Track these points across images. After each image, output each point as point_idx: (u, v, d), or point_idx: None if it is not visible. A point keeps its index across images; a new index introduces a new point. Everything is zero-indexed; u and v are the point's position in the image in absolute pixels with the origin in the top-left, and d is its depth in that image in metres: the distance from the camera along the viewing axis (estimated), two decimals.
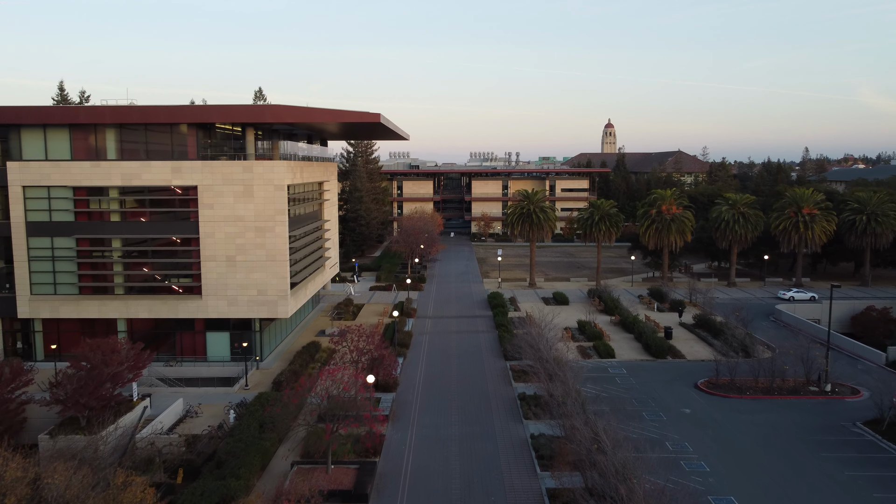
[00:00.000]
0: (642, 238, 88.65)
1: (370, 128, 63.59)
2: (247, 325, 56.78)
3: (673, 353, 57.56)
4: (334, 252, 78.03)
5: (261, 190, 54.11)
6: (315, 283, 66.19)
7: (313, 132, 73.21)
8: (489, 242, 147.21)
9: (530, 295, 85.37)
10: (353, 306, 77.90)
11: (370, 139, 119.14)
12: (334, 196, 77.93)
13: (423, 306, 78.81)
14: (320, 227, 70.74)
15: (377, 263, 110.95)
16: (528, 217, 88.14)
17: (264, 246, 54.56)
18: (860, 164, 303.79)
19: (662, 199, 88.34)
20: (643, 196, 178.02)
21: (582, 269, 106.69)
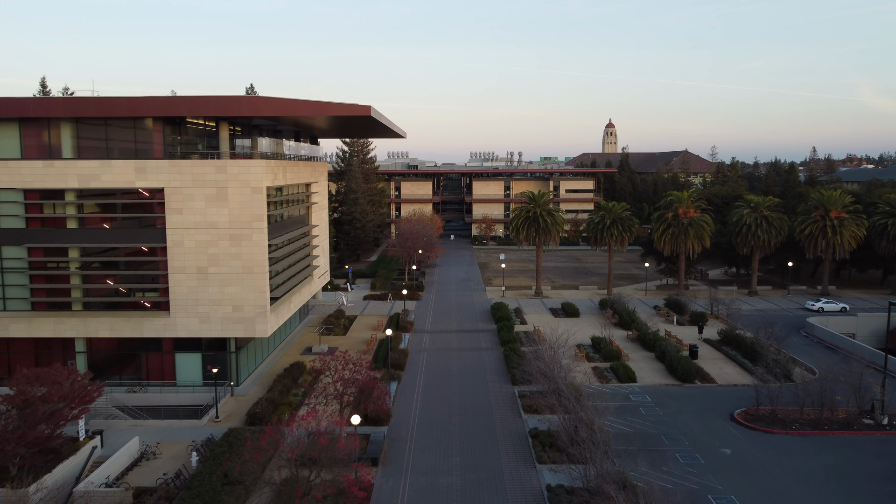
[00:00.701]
0: (657, 244, 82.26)
1: (362, 123, 57.22)
2: (221, 345, 50.41)
3: (701, 377, 51.13)
4: (324, 260, 71.67)
5: (236, 193, 47.74)
6: (301, 295, 59.82)
7: (301, 129, 66.87)
8: (491, 246, 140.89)
9: (537, 305, 78.98)
10: (345, 319, 71.50)
11: (365, 137, 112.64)
12: (324, 198, 71.57)
13: (421, 319, 72.42)
14: (307, 233, 64.35)
15: (372, 269, 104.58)
16: (533, 221, 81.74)
17: (240, 256, 48.20)
18: (869, 165, 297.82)
19: (679, 202, 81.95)
20: (650, 197, 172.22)
21: (590, 276, 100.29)
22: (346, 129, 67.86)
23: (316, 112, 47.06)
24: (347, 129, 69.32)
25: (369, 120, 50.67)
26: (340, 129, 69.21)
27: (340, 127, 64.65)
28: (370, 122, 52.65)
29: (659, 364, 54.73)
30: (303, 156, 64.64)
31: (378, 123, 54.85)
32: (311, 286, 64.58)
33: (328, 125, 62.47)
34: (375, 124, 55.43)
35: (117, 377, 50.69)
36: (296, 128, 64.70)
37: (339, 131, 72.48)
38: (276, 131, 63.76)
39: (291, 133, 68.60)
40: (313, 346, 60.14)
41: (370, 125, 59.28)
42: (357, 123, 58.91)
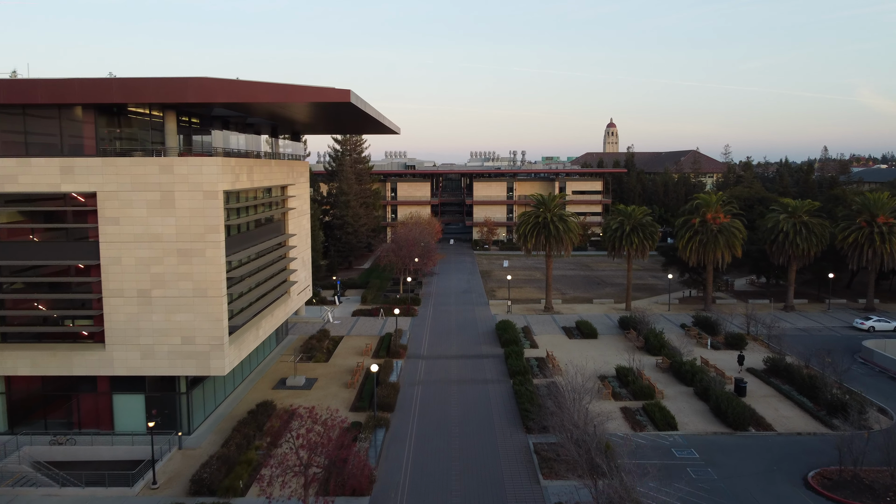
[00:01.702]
0: (682, 253, 73.10)
1: (344, 113, 48.08)
2: (169, 384, 41.30)
3: (756, 422, 41.93)
4: (305, 273, 62.53)
5: (185, 198, 38.62)
6: (273, 318, 50.68)
7: (278, 122, 57.73)
8: (493, 251, 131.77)
9: (547, 323, 69.81)
10: (329, 341, 62.35)
11: (355, 132, 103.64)
12: (305, 203, 62.41)
13: (416, 340, 63.24)
14: (283, 243, 55.22)
15: (364, 278, 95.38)
16: (543, 228, 72.56)
17: (191, 276, 39.08)
18: (882, 165, 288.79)
19: (707, 206, 72.80)
20: (660, 199, 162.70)
21: (604, 287, 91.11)
22: (331, 121, 58.72)
23: (283, 98, 37.88)
24: (332, 122, 60.19)
25: (350, 108, 41.52)
26: (324, 123, 60.08)
27: (323, 119, 55.52)
28: (352, 111, 43.50)
29: (700, 403, 45.54)
30: (277, 153, 55.52)
31: (363, 114, 45.71)
32: (288, 306, 55.43)
33: (309, 117, 53.36)
34: (359, 115, 46.27)
35: (42, 423, 41.57)
36: (271, 121, 55.58)
37: (324, 125, 63.36)
38: (246, 125, 54.63)
39: (268, 127, 59.52)
40: (288, 378, 50.94)
41: (356, 117, 50.14)
42: (340, 114, 49.79)
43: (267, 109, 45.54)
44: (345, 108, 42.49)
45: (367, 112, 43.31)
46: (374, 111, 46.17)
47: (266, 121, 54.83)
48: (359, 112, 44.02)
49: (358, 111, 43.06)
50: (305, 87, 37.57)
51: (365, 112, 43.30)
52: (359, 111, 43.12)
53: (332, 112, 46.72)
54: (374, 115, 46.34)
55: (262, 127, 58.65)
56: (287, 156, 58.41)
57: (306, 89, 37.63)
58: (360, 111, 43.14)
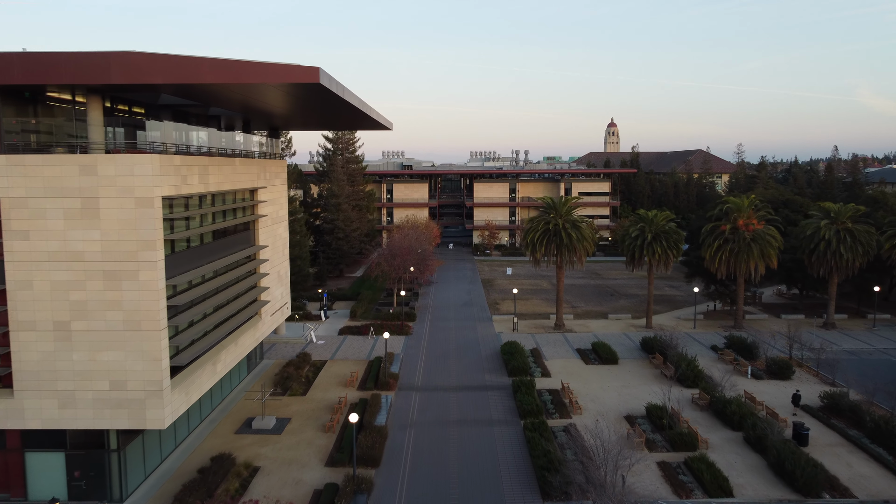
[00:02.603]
0: (709, 263, 64.90)
1: (317, 98, 39.83)
2: (97, 439, 33.15)
3: (831, 486, 33.70)
4: (282, 290, 54.34)
5: (113, 206, 30.45)
6: (238, 347, 42.46)
7: (250, 114, 49.57)
8: (495, 257, 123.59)
9: (559, 344, 61.60)
10: (310, 366, 54.23)
11: (341, 127, 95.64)
12: (282, 208, 54.20)
13: (410, 366, 55.04)
14: (252, 256, 47.03)
15: (355, 289, 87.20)
16: (554, 235, 64.30)
17: (120, 304, 30.91)
18: (894, 165, 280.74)
19: (738, 211, 64.59)
20: (671, 201, 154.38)
21: (618, 299, 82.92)
22: (310, 113, 50.48)
23: (234, 77, 29.64)
24: (312, 114, 51.93)
25: (321, 92, 33.27)
26: (303, 114, 51.83)
27: (300, 110, 47.27)
28: (325, 96, 35.23)
29: (755, 456, 37.28)
30: (244, 150, 47.38)
31: (341, 102, 37.49)
32: (259, 330, 47.21)
33: (281, 106, 45.13)
34: (336, 102, 37.99)
35: None
36: (240, 112, 47.37)
37: (304, 118, 55.08)
38: (209, 117, 46.49)
39: (238, 121, 51.42)
40: (255, 419, 42.68)
41: (334, 105, 41.89)
42: (314, 102, 41.54)
43: (226, 96, 37.34)
44: (316, 93, 34.28)
45: (342, 97, 35.05)
46: (353, 97, 37.91)
47: (232, 112, 46.60)
48: (335, 99, 35.80)
49: (332, 96, 34.82)
50: (261, 65, 29.31)
51: (341, 98, 35.04)
52: (334, 97, 34.89)
53: (305, 99, 38.50)
54: (353, 101, 38.07)
55: (232, 120, 50.56)
56: (264, 155, 50.27)
57: (263, 68, 29.36)
58: (335, 97, 34.91)
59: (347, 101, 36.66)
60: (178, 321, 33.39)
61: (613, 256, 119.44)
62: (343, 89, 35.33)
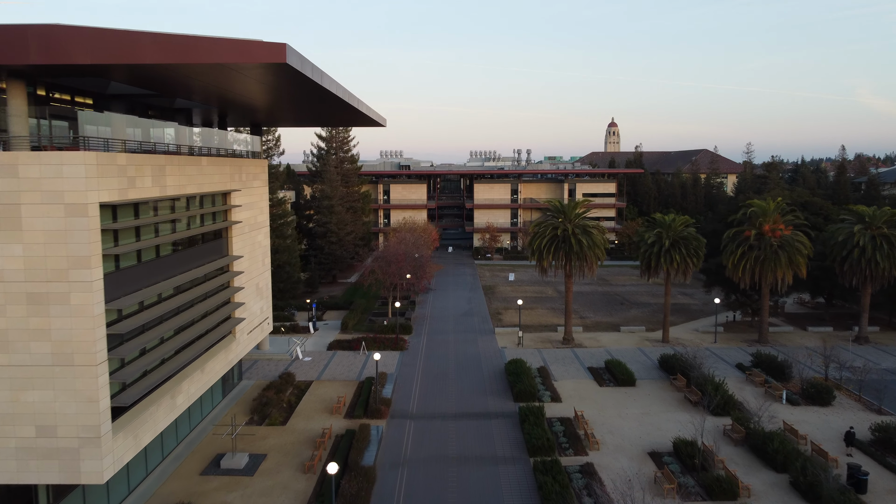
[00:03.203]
0: (732, 272, 59.48)
1: (288, 84, 34.38)
2: (23, 496, 27.70)
3: None
4: (261, 304, 48.90)
5: (37, 214, 25.02)
6: (205, 375, 36.98)
7: (226, 107, 44.18)
8: (496, 261, 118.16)
9: (569, 361, 56.13)
10: (293, 388, 48.81)
11: (329, 123, 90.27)
12: (262, 213, 48.71)
13: (404, 388, 49.61)
14: (224, 268, 41.59)
15: (348, 297, 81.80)
16: (563, 242, 58.80)
17: (48, 333, 25.48)
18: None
19: (763, 215, 59.15)
20: (678, 202, 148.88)
21: (629, 308, 77.47)
22: (291, 105, 45.07)
23: (179, 57, 24.16)
24: (293, 107, 46.48)
25: (292, 75, 27.76)
26: (283, 107, 46.44)
27: (276, 100, 41.86)
28: (300, 82, 29.73)
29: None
30: (221, 150, 41.95)
31: (319, 89, 32.04)
32: (233, 352, 41.74)
33: (258, 96, 39.76)
34: (314, 90, 32.50)
35: None
36: (212, 105, 41.91)
37: (286, 111, 49.65)
38: (175, 111, 41.08)
39: (213, 115, 46.04)
40: (224, 457, 37.15)
41: (316, 96, 36.44)
42: (296, 92, 36.13)
43: (185, 83, 31.89)
44: (288, 79, 28.85)
45: (320, 84, 29.59)
46: (333, 84, 32.44)
47: (203, 105, 41.11)
48: (311, 86, 30.35)
49: (307, 83, 29.37)
50: (214, 41, 23.80)
51: (318, 84, 29.59)
52: (309, 83, 29.44)
53: (278, 87, 33.06)
54: (333, 89, 32.60)
55: (208, 115, 45.15)
56: (243, 154, 44.85)
57: (215, 45, 23.85)
58: (311, 84, 29.46)
59: (325, 89, 31.16)
60: (123, 351, 27.92)
61: (620, 261, 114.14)
62: (321, 74, 29.87)
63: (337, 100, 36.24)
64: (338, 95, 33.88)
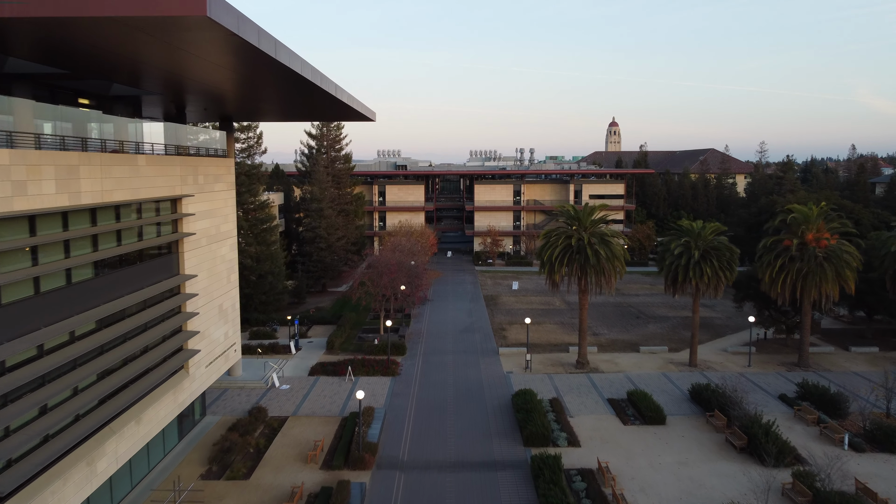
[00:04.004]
0: (768, 287, 52.31)
1: (254, 66, 27.11)
2: None
3: None
4: (226, 328, 41.62)
5: None
6: (138, 430, 29.71)
7: (181, 94, 36.97)
8: (498, 267, 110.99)
9: (585, 390, 48.85)
10: (264, 426, 41.54)
11: (314, 118, 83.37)
12: (226, 222, 41.42)
13: (394, 427, 42.33)
14: (174, 290, 34.34)
15: (336, 310, 74.58)
16: (577, 253, 51.51)
17: None
18: None
19: (805, 222, 51.90)
20: (689, 204, 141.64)
21: (646, 323, 70.21)
22: (251, 93, 37.84)
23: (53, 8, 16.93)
24: (257, 96, 39.25)
25: (219, 34, 20.45)
26: (248, 97, 39.17)
27: (231, 87, 34.61)
28: (238, 48, 22.40)
29: None
30: (174, 146, 34.69)
31: (269, 62, 24.72)
32: (184, 391, 34.45)
33: (211, 81, 32.52)
34: (261, 60, 25.12)
35: None
36: (161, 91, 34.67)
37: (254, 102, 42.38)
38: (113, 99, 33.82)
39: (167, 106, 38.84)
40: None
41: (277, 75, 29.15)
42: (248, 71, 28.85)
43: (94, 56, 24.61)
44: (220, 45, 21.53)
45: (268, 53, 22.25)
46: (294, 58, 25.04)
47: (147, 92, 33.83)
48: (259, 58, 23.04)
49: (251, 53, 22.05)
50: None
51: (267, 55, 22.27)
52: (255, 53, 22.13)
53: (221, 62, 25.74)
54: (294, 65, 25.24)
55: (162, 105, 37.91)
56: (212, 151, 37.60)
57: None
58: (257, 55, 22.16)
59: (284, 65, 23.86)
60: (6, 416, 20.72)
61: (631, 266, 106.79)
62: (273, 44, 22.57)
63: (306, 83, 28.98)
64: (304, 76, 26.56)
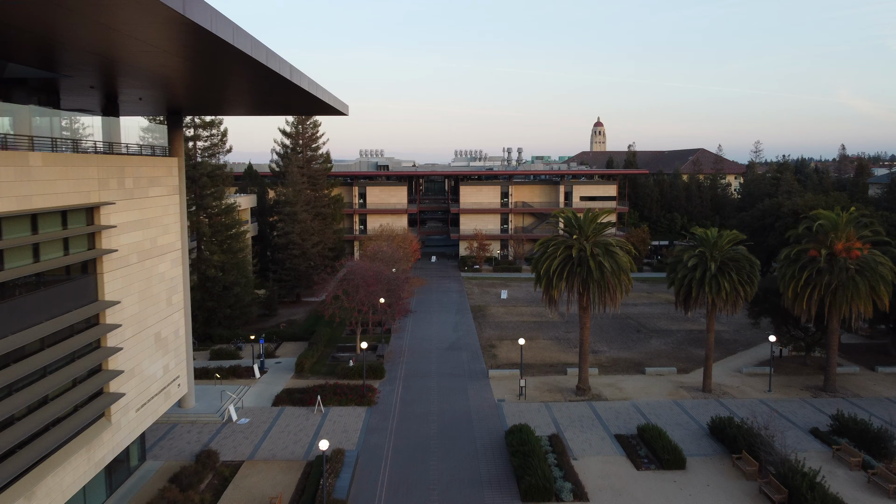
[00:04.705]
0: (790, 303, 46.58)
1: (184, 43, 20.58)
2: None
3: None
4: (167, 360, 34.95)
5: None
6: (39, 496, 23.14)
7: (109, 78, 30.42)
8: (485, 273, 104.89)
9: (588, 424, 42.72)
10: (214, 475, 34.99)
11: (279, 112, 76.74)
12: (164, 232, 34.75)
13: (367, 477, 35.93)
14: (92, 320, 27.70)
15: (309, 325, 68.12)
16: (579, 265, 45.37)
17: None
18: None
19: (834, 230, 46.18)
20: (682, 206, 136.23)
21: (648, 337, 64.36)
22: (196, 79, 31.32)
23: None
24: (204, 83, 32.73)
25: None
26: (196, 85, 32.65)
27: (169, 70, 28.06)
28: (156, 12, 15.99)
29: None
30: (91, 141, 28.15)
31: (212, 39, 18.26)
32: (102, 448, 27.74)
33: (136, 59, 25.98)
34: (207, 40, 18.69)
35: None
36: (81, 74, 28.05)
37: (206, 92, 35.82)
38: (11, 83, 27.18)
39: (95, 93, 32.33)
40: None
41: (217, 53, 22.68)
42: (178, 46, 22.32)
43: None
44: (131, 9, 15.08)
45: (196, 23, 15.78)
46: (229, 27, 18.57)
47: (63, 75, 27.19)
48: (195, 31, 16.58)
49: (169, 17, 15.58)
50: None
51: (203, 30, 15.80)
52: (170, 16, 15.66)
53: (146, 36, 19.24)
54: (225, 35, 18.75)
55: (98, 93, 31.32)
56: (160, 150, 31.01)
57: None
58: (180, 22, 15.69)
59: (221, 39, 17.42)
60: None
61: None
62: (212, 15, 16.11)
63: (257, 66, 22.56)
64: (255, 57, 20.12)
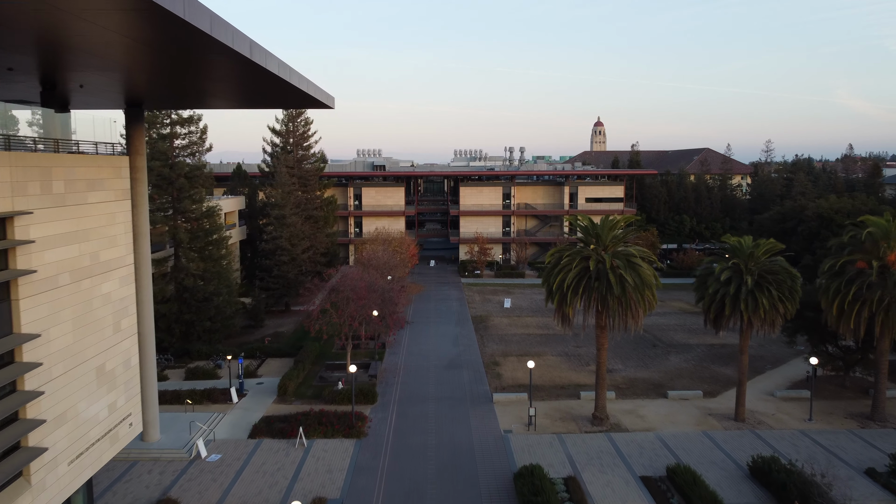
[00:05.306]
0: (836, 320, 41.14)
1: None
2: None
3: None
4: (113, 397, 29.40)
5: None
6: None
7: (48, 60, 24.85)
8: (486, 278, 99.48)
9: (609, 462, 37.24)
10: None
11: (257, 105, 70.18)
12: (109, 245, 29.25)
13: None
14: (4, 358, 22.20)
15: (297, 339, 62.61)
16: (597, 280, 39.83)
17: None
18: None
19: (886, 238, 40.71)
20: (692, 208, 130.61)
21: (666, 353, 59.01)
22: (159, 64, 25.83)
23: None
24: (167, 70, 27.20)
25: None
26: (159, 73, 27.15)
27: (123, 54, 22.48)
28: None
29: None
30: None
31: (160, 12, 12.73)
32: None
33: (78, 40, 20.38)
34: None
35: None
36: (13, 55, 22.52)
37: (171, 81, 30.27)
38: None
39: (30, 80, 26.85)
40: None
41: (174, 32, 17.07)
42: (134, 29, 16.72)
43: None
44: None
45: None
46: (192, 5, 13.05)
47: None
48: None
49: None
50: None
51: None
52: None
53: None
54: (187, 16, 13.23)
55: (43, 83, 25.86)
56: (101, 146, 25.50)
57: None
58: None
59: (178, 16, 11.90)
60: None
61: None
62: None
63: (222, 48, 17.06)
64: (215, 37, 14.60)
